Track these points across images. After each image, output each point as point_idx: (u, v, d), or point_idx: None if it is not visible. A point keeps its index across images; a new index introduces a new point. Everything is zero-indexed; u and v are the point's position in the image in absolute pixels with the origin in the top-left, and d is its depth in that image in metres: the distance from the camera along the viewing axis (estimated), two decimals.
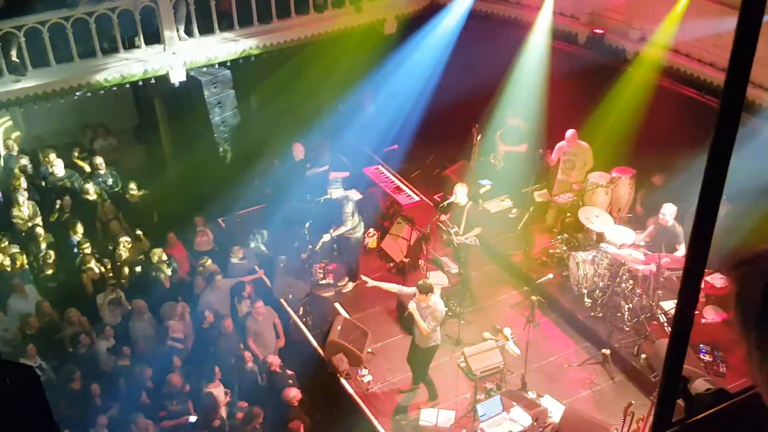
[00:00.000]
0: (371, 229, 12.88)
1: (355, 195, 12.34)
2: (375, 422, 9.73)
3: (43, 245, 11.83)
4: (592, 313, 10.97)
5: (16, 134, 14.30)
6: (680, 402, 1.57)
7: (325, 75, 14.28)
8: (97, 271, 11.51)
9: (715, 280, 10.28)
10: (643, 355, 10.20)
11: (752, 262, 1.01)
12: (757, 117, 10.48)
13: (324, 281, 12.13)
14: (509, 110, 13.18)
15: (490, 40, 13.58)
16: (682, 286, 1.51)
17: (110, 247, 12.04)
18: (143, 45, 12.52)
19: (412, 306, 9.40)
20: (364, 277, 10.55)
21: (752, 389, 1.22)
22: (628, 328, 10.64)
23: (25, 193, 12.54)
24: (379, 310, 11.58)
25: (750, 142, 9.22)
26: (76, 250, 11.81)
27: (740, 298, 0.99)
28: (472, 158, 13.98)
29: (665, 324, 10.50)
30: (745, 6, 1.36)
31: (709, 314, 10.35)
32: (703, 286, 9.51)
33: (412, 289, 9.54)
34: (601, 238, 11.29)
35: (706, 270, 1.74)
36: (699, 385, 1.53)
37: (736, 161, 1.54)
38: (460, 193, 11.18)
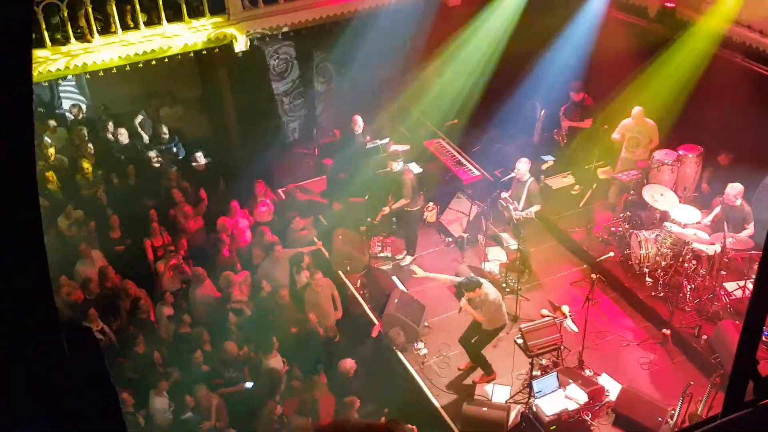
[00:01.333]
0: (430, 203, 12.86)
1: (415, 168, 12.35)
2: (430, 395, 9.79)
3: (109, 211, 12.10)
4: (653, 293, 10.79)
5: (82, 102, 14.66)
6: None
7: (389, 47, 14.21)
8: (160, 238, 11.73)
9: None
10: (704, 337, 10.01)
11: None
12: None
13: (382, 254, 12.18)
14: (573, 85, 12.93)
15: (553, 13, 13.34)
16: (761, 265, 1.48)
17: (173, 215, 12.27)
18: (207, 13, 12.62)
19: (462, 303, 9.42)
20: (413, 267, 10.53)
21: None
22: (689, 309, 10.45)
23: (91, 159, 12.84)
24: (437, 285, 11.56)
25: None
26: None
27: None
28: (536, 134, 13.82)
29: (728, 305, 10.26)
30: None
31: None
32: None
33: (461, 279, 9.57)
34: (665, 216, 11.06)
35: None
36: None
37: None
38: (521, 169, 11.08)
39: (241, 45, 12.98)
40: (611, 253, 10.91)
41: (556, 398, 9.12)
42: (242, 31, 12.88)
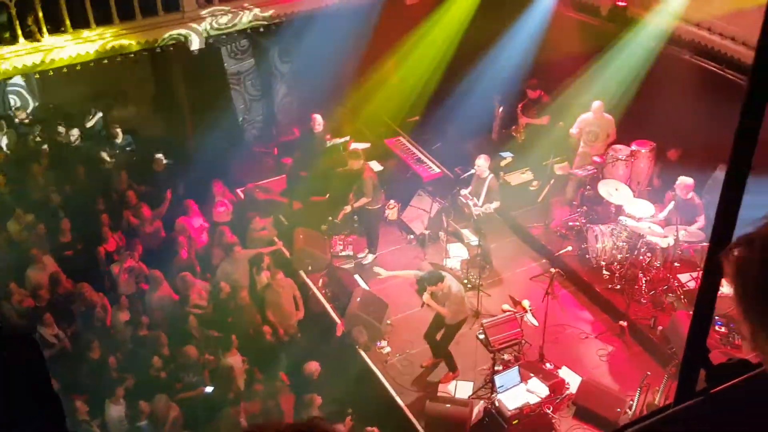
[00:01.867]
0: (392, 201, 12.88)
1: (376, 166, 12.35)
2: (393, 394, 9.81)
3: (61, 214, 11.85)
4: (610, 286, 10.97)
5: (30, 103, 14.35)
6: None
7: (347, 45, 14.19)
8: (113, 241, 11.54)
9: None
10: (660, 328, 10.20)
11: (748, 243, 1.00)
12: None
13: (343, 253, 12.16)
14: (530, 82, 13.06)
15: (506, 11, 13.48)
16: (707, 255, 1.52)
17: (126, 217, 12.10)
18: (161, 11, 12.45)
19: (425, 298, 9.45)
20: (377, 269, 10.52)
21: None
22: (645, 301, 10.64)
23: (43, 161, 12.59)
24: (399, 282, 11.57)
25: None
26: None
27: (739, 279, 0.98)
28: (494, 131, 13.92)
29: (682, 296, 10.48)
30: None
31: (726, 287, 10.30)
32: None
33: (423, 273, 9.61)
34: (620, 211, 11.24)
35: None
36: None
37: None
38: (481, 165, 11.16)
39: (195, 43, 12.85)
40: (569, 248, 11.05)
41: (518, 392, 9.21)
42: (197, 29, 12.74)
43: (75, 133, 13.30)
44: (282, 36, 13.92)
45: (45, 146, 13.02)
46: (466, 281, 11.17)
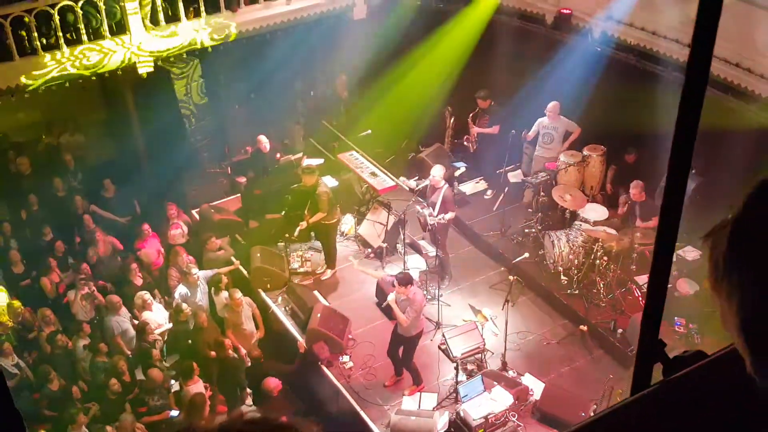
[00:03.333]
0: (348, 215, 12.87)
1: (330, 181, 12.33)
2: (358, 409, 9.75)
3: (13, 243, 11.68)
4: (569, 291, 11.07)
5: None
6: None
7: (296, 62, 14.22)
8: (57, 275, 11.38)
9: (687, 253, 10.41)
10: (620, 330, 10.33)
11: (723, 227, 1.04)
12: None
13: (302, 269, 12.10)
14: (481, 92, 13.17)
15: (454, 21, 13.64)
16: (654, 252, 1.53)
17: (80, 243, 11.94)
18: (108, 35, 12.32)
19: (390, 298, 9.44)
20: (351, 258, 10.52)
21: (729, 347, 1.25)
22: (604, 304, 10.77)
23: None
24: (359, 297, 11.58)
25: None
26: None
27: (712, 258, 1.01)
28: (446, 141, 14.01)
29: (640, 298, 10.63)
30: None
31: (683, 287, 10.47)
32: (675, 259, 9.69)
33: (392, 279, 9.62)
34: (574, 216, 11.38)
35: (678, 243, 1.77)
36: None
37: None
38: (436, 175, 11.20)
39: (145, 66, 12.70)
40: (526, 254, 11.13)
41: (483, 401, 9.22)
42: (145, 52, 12.61)
43: (25, 161, 13.02)
44: (231, 55, 13.86)
45: None
46: (425, 292, 11.18)
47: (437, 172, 11.22)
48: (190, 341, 10.33)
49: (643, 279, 10.77)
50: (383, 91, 14.12)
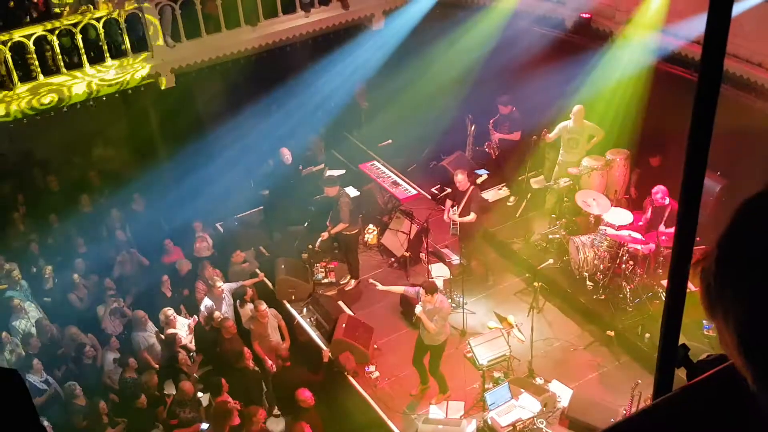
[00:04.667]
0: (370, 225, 12.89)
1: (351, 192, 12.37)
2: (385, 418, 9.75)
3: (41, 261, 11.84)
4: (595, 296, 10.99)
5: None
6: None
7: (317, 73, 14.30)
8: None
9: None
10: (647, 335, 10.22)
11: (707, 256, 1.04)
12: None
13: (326, 280, 12.13)
14: (502, 98, 13.15)
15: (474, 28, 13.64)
16: (672, 257, 1.53)
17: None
18: (130, 52, 12.51)
19: (418, 310, 9.42)
20: (372, 281, 10.57)
21: None
22: (630, 309, 10.66)
23: (21, 210, 12.53)
24: (383, 306, 11.58)
25: None
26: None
27: (703, 283, 1.01)
28: (467, 148, 14.00)
29: None
30: None
31: None
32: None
33: (416, 289, 9.61)
34: (599, 221, 11.30)
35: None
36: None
37: None
38: (461, 179, 11.20)
39: (167, 82, 12.87)
40: (551, 261, 11.07)
41: (510, 409, 9.20)
42: (168, 68, 12.78)
43: (53, 180, 13.23)
44: (252, 68, 13.97)
45: (21, 196, 12.97)
46: (450, 300, 11.16)
47: (461, 176, 11.22)
48: (218, 350, 10.40)
49: None
50: (403, 101, 14.16)
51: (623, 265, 10.71)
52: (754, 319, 0.91)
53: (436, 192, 12.58)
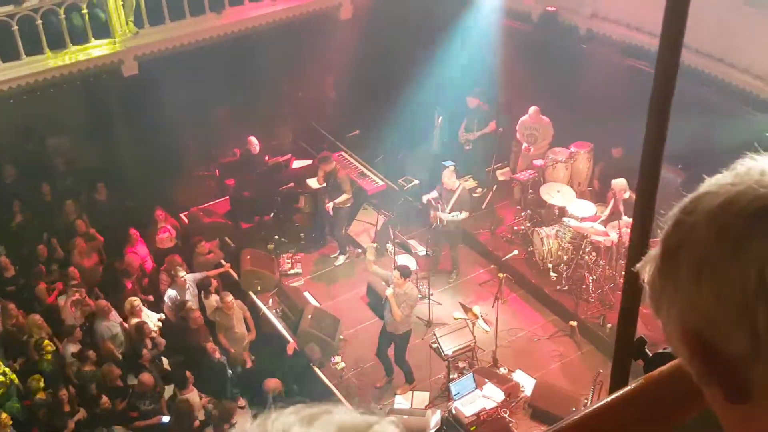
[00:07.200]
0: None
1: (314, 184, 12.32)
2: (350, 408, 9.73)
3: (1, 249, 11.58)
4: (558, 287, 11.11)
5: None
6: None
7: (283, 63, 14.17)
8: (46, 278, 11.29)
9: None
10: (609, 325, 10.36)
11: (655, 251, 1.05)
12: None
13: (292, 271, 12.09)
14: (474, 91, 13.13)
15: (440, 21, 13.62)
16: (630, 246, 1.55)
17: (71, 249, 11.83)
18: (92, 38, 12.28)
19: (389, 292, 9.44)
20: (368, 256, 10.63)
21: None
22: (593, 300, 10.81)
23: None
24: (349, 297, 11.58)
25: None
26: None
27: (648, 282, 1.02)
28: (434, 141, 14.00)
29: None
30: None
31: None
32: None
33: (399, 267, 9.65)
34: (563, 212, 11.41)
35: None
36: None
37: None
38: (447, 179, 11.19)
39: (130, 68, 12.67)
40: (516, 252, 11.15)
41: (474, 398, 9.27)
42: (130, 55, 12.57)
43: (9, 168, 12.91)
44: (216, 55, 13.78)
45: None
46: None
47: (448, 175, 11.21)
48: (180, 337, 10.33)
49: None
50: (371, 91, 14.10)
51: (586, 257, 10.83)
52: (695, 314, 0.91)
53: (403, 183, 12.57)
